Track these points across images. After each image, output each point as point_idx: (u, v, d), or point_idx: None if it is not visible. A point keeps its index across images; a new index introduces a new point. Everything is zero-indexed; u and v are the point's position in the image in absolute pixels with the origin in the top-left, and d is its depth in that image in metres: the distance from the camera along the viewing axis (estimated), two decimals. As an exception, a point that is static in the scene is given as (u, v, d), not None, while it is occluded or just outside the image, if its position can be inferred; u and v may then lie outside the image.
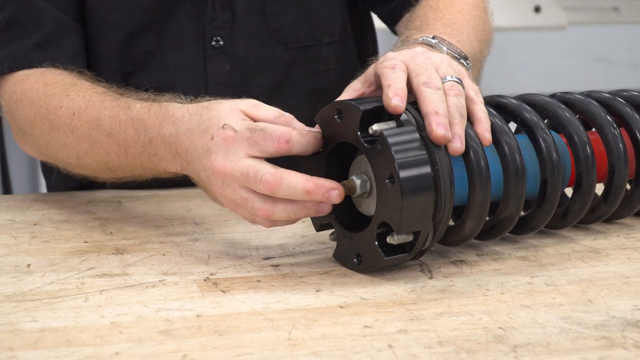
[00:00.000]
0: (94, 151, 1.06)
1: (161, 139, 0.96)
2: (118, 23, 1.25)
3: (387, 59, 0.92)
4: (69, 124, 1.07)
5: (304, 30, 1.33)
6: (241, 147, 0.87)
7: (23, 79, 1.16)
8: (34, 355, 0.74)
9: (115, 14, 1.25)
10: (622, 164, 1.00)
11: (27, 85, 1.15)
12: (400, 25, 1.35)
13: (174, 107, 0.96)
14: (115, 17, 1.25)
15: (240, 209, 0.91)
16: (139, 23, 1.26)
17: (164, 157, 0.97)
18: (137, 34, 1.26)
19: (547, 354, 0.75)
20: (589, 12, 3.13)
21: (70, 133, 1.08)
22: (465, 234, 0.93)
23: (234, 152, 0.87)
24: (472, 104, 0.92)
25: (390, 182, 0.85)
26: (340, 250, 0.95)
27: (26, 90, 1.14)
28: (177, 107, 0.96)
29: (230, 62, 1.29)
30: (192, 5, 1.27)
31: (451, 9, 1.21)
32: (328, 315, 0.82)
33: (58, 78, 1.13)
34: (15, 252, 0.99)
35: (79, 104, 1.07)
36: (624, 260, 0.97)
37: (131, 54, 1.27)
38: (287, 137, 0.85)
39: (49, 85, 1.12)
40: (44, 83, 1.13)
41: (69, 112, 1.07)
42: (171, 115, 0.95)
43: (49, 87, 1.12)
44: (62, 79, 1.13)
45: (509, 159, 0.91)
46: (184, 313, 0.83)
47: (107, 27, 1.25)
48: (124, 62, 1.27)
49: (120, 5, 1.25)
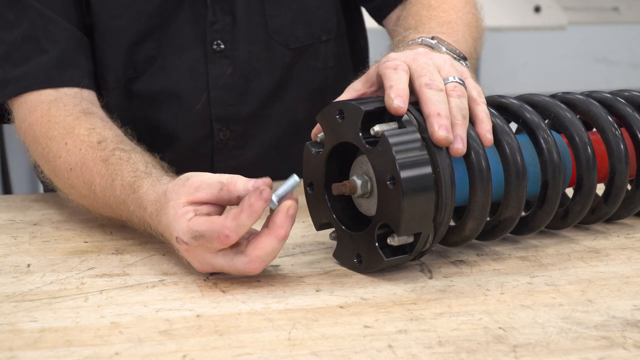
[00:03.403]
0: (97, 210, 1.07)
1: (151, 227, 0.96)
2: (122, 30, 1.25)
3: (389, 60, 0.92)
4: (68, 178, 1.08)
5: (302, 30, 1.33)
6: (202, 251, 0.88)
7: (32, 108, 1.16)
8: (34, 355, 0.74)
9: (119, 20, 1.25)
10: (623, 165, 1.00)
11: (33, 118, 1.15)
12: (390, 22, 1.35)
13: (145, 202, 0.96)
14: (120, 23, 1.25)
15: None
16: (142, 29, 1.26)
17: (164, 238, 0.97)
18: (140, 40, 1.26)
19: (547, 354, 0.75)
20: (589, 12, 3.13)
21: (71, 188, 1.09)
22: (465, 234, 0.93)
23: (201, 256, 0.89)
24: (474, 105, 0.92)
25: (392, 184, 0.85)
26: (340, 249, 0.95)
27: (32, 123, 1.14)
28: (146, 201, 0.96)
29: (231, 66, 1.29)
30: (192, 10, 1.27)
31: (444, 6, 1.21)
32: (328, 315, 0.82)
33: (60, 117, 1.12)
34: (15, 252, 0.99)
35: (75, 159, 1.07)
36: (624, 260, 0.97)
37: (134, 60, 1.27)
38: (225, 232, 0.85)
39: (51, 124, 1.12)
40: (47, 120, 1.13)
41: (66, 166, 1.08)
42: (145, 210, 0.96)
43: (51, 127, 1.12)
44: (63, 118, 1.12)
45: (510, 160, 0.91)
46: (184, 313, 0.83)
47: (111, 35, 1.25)
48: (127, 69, 1.27)
49: (124, 12, 1.25)
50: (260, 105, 1.33)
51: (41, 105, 1.15)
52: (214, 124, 1.31)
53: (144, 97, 1.29)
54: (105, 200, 1.03)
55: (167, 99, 1.29)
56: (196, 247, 0.88)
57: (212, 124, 1.31)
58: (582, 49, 3.30)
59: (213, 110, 1.30)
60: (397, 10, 1.34)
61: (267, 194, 0.84)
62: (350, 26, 1.42)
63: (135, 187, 0.98)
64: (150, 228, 0.96)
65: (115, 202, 1.01)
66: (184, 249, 0.89)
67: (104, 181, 1.03)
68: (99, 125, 1.10)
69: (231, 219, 0.85)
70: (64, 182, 1.10)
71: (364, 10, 1.45)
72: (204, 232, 0.86)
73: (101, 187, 1.03)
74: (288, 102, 1.34)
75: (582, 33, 3.24)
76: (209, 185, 0.89)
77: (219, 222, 0.86)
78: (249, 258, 0.87)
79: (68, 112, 1.13)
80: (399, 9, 1.33)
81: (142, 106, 1.29)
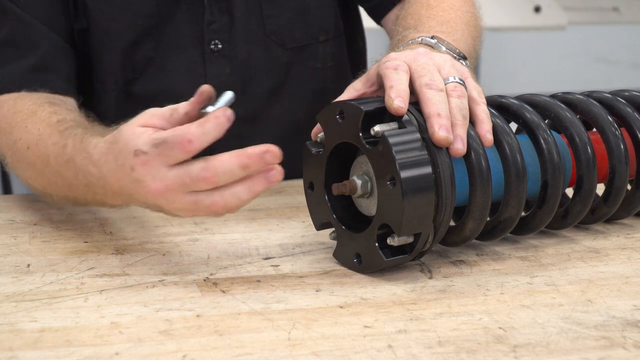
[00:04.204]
0: (52, 186, 1.05)
1: (94, 181, 0.94)
2: (119, 32, 1.25)
3: (389, 60, 0.92)
4: (26, 158, 1.07)
5: (300, 30, 1.33)
6: (160, 164, 0.85)
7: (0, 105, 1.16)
8: (34, 355, 0.74)
9: (116, 23, 1.25)
10: (623, 166, 1.00)
11: (1, 113, 1.15)
12: (389, 21, 1.35)
13: (91, 147, 0.94)
14: (117, 26, 1.25)
15: (199, 212, 0.88)
16: (139, 30, 1.26)
17: (105, 196, 0.94)
18: (138, 41, 1.26)
19: (547, 354, 0.75)
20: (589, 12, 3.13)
21: (29, 167, 1.07)
22: (465, 235, 0.93)
23: (157, 170, 0.85)
24: (475, 105, 0.92)
25: (392, 184, 0.85)
26: (340, 249, 0.95)
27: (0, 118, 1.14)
28: (93, 146, 0.93)
29: (229, 66, 1.29)
30: (189, 10, 1.27)
31: (443, 5, 1.21)
32: (328, 315, 0.82)
33: (25, 105, 1.12)
34: (15, 252, 0.99)
35: (33, 137, 1.06)
36: (624, 260, 0.97)
37: (132, 61, 1.27)
38: (187, 137, 0.83)
39: (15, 114, 1.12)
40: (13, 111, 1.13)
41: (24, 146, 1.07)
42: (90, 157, 0.93)
43: (15, 116, 1.12)
44: (28, 107, 1.12)
45: (510, 160, 0.91)
46: (184, 313, 0.83)
47: (108, 37, 1.25)
48: (125, 70, 1.27)
49: (121, 14, 1.25)
50: (259, 105, 1.33)
51: (8, 101, 1.16)
52: None
53: (143, 99, 1.28)
54: (57, 167, 1.00)
55: (165, 99, 1.29)
56: (156, 157, 0.84)
57: None
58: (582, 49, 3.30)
59: None
60: (396, 9, 1.34)
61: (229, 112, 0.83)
62: (348, 26, 1.42)
63: (84, 140, 0.95)
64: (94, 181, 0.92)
65: (64, 162, 0.98)
66: (142, 162, 0.85)
67: (56, 148, 1.00)
68: (62, 111, 1.10)
69: (196, 126, 0.83)
70: (23, 163, 1.08)
71: (362, 10, 1.45)
72: (166, 137, 0.84)
73: (54, 154, 1.01)
74: (287, 103, 1.34)
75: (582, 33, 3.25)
76: (161, 112, 0.88)
77: (183, 128, 0.84)
78: (207, 164, 0.83)
79: (33, 102, 1.13)
80: (397, 8, 1.33)
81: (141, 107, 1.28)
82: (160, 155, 0.84)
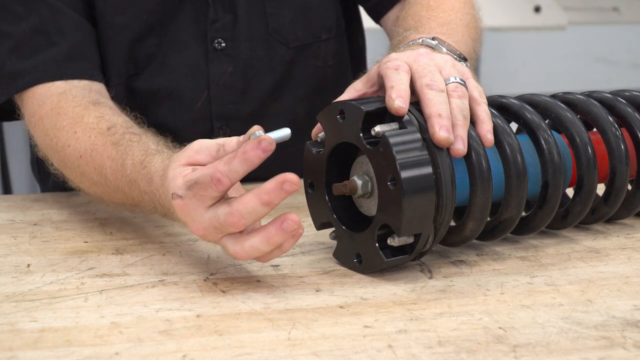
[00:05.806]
0: (110, 197, 1.06)
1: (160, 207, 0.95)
2: (124, 26, 1.25)
3: (390, 60, 0.92)
4: (78, 166, 1.07)
5: (302, 29, 1.33)
6: (195, 206, 0.86)
7: (42, 101, 1.15)
8: (34, 355, 0.74)
9: (121, 16, 1.25)
10: (624, 166, 1.00)
11: (43, 111, 1.14)
12: (388, 21, 1.35)
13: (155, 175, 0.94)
14: (122, 20, 1.25)
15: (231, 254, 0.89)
16: (144, 25, 1.26)
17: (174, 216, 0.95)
18: (142, 36, 1.26)
19: (547, 354, 0.75)
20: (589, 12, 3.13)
21: (82, 175, 1.08)
22: (465, 235, 0.93)
23: (194, 214, 0.86)
24: (475, 105, 0.92)
25: (392, 184, 0.85)
26: (340, 249, 0.95)
27: (42, 116, 1.13)
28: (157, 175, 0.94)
29: (232, 64, 1.29)
30: (193, 8, 1.27)
31: (443, 6, 1.21)
32: (328, 315, 0.82)
33: (69, 107, 1.12)
34: (15, 252, 0.99)
35: (85, 146, 1.06)
36: (624, 260, 0.97)
37: (135, 56, 1.27)
38: (217, 176, 0.83)
39: (60, 115, 1.11)
40: (57, 112, 1.12)
41: (76, 154, 1.07)
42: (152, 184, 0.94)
43: (60, 118, 1.11)
44: (72, 108, 1.11)
45: (510, 161, 0.91)
46: (184, 313, 0.83)
47: (113, 31, 1.25)
48: (128, 65, 1.27)
49: (126, 8, 1.25)
50: (261, 103, 1.33)
51: (50, 98, 1.14)
52: (214, 122, 1.31)
53: (145, 95, 1.28)
54: (116, 183, 1.01)
55: (167, 96, 1.29)
56: (191, 199, 0.85)
57: (213, 122, 1.31)
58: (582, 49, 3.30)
59: (213, 108, 1.30)
60: (395, 9, 1.34)
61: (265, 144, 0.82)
62: (349, 25, 1.42)
63: (146, 163, 0.96)
64: (159, 204, 0.94)
65: (126, 182, 0.99)
66: (180, 206, 0.86)
67: (114, 163, 1.01)
68: (108, 113, 1.10)
69: (223, 163, 0.83)
70: (74, 170, 1.09)
71: (361, 9, 1.45)
72: (197, 178, 0.85)
73: (112, 169, 1.02)
74: (288, 101, 1.34)
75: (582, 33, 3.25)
76: (208, 147, 0.89)
77: (211, 166, 0.84)
78: (230, 209, 0.84)
79: (77, 103, 1.12)
80: (396, 9, 1.33)
81: (143, 104, 1.29)
82: (195, 197, 0.85)
